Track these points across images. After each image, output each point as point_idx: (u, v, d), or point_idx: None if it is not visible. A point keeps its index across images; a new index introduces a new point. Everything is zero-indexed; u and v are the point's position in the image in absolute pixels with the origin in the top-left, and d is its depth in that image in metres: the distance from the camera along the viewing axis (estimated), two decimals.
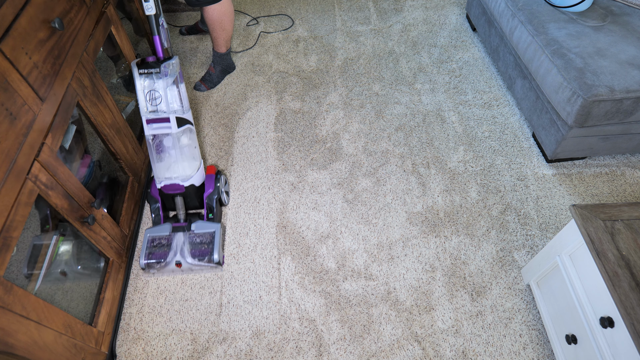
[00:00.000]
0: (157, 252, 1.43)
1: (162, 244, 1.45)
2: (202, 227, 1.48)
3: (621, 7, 1.74)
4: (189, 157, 1.45)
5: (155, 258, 1.42)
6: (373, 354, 1.30)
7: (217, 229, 1.48)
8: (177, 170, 1.44)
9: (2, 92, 0.85)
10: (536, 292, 1.33)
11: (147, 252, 1.43)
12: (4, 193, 0.84)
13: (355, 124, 1.95)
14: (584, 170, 1.73)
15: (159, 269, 1.43)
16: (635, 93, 1.41)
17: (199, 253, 1.43)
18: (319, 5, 2.64)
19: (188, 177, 1.46)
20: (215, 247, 1.44)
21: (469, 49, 2.29)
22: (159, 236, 1.47)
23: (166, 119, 1.34)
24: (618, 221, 1.01)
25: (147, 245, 1.45)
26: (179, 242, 1.45)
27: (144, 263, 1.41)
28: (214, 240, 1.46)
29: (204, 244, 1.45)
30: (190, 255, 1.43)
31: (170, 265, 1.42)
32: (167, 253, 1.43)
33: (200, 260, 1.42)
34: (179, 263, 1.42)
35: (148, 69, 1.30)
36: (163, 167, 1.43)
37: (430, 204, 1.65)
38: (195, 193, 1.52)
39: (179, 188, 1.46)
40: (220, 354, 1.31)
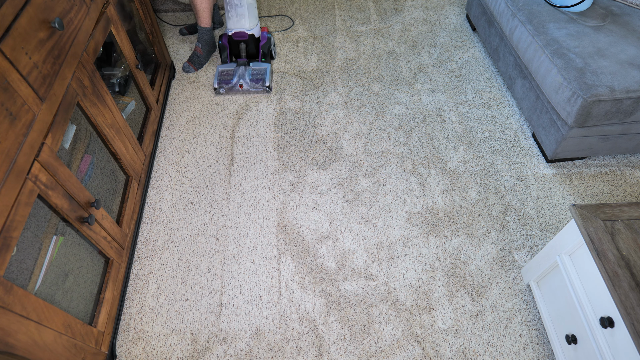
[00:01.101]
0: (226, 79, 2.04)
1: (229, 74, 2.05)
2: (258, 65, 2.09)
3: (621, 7, 1.74)
4: (252, 14, 1.98)
5: (225, 82, 2.03)
6: (373, 354, 1.30)
7: (268, 66, 2.08)
8: (245, 21, 1.98)
9: (2, 92, 0.85)
10: (536, 292, 1.33)
11: (219, 79, 2.03)
12: (4, 193, 0.84)
13: (355, 124, 1.95)
14: (584, 170, 1.73)
15: (227, 89, 2.04)
16: (635, 93, 1.41)
17: (255, 79, 2.02)
18: (319, 5, 2.64)
19: (251, 28, 2.01)
20: (267, 76, 2.04)
21: (469, 49, 2.29)
22: (227, 70, 2.07)
23: None
24: (618, 221, 1.01)
25: (218, 74, 2.05)
26: (241, 72, 2.04)
27: (216, 84, 2.02)
28: (266, 73, 2.05)
29: (259, 74, 2.04)
30: (249, 80, 2.02)
31: (235, 86, 2.02)
32: (233, 78, 2.03)
33: (256, 83, 2.01)
34: (241, 84, 2.01)
35: None
36: (234, 20, 1.97)
37: (430, 204, 1.65)
38: (254, 43, 2.07)
39: (244, 36, 2.01)
40: (220, 354, 1.31)
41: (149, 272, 1.50)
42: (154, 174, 1.79)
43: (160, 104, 1.93)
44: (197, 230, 1.60)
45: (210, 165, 1.81)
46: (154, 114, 1.84)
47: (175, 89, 2.14)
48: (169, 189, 1.73)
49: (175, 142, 1.90)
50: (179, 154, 1.85)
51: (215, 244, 1.56)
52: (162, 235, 1.59)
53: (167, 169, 1.80)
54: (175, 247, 1.55)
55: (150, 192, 1.73)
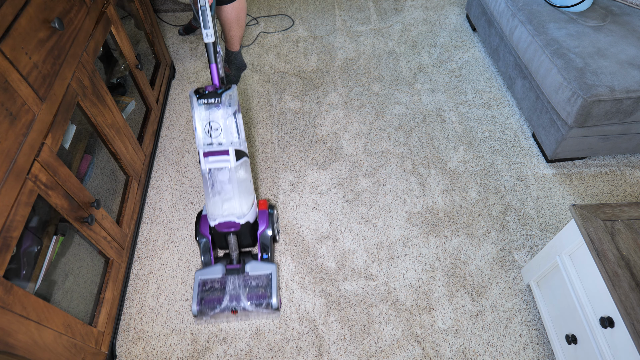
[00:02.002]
0: (210, 297, 1.33)
1: (215, 288, 1.35)
2: (258, 269, 1.37)
3: (621, 7, 1.74)
4: (245, 192, 1.32)
5: (209, 304, 1.32)
6: (373, 354, 1.30)
7: (274, 270, 1.37)
8: (234, 206, 1.31)
9: (2, 92, 0.85)
10: (536, 292, 1.33)
11: (200, 297, 1.33)
12: (4, 193, 0.84)
13: (355, 124, 1.95)
14: (584, 170, 1.73)
15: (212, 316, 1.34)
16: (635, 93, 1.41)
17: (256, 298, 1.33)
18: (319, 5, 2.64)
19: (244, 214, 1.34)
20: (273, 291, 1.34)
21: (469, 49, 2.29)
22: (211, 279, 1.36)
23: (225, 152, 1.24)
24: (618, 221, 1.01)
25: (198, 289, 1.35)
26: (233, 286, 1.35)
27: (196, 309, 1.31)
28: (271, 284, 1.35)
29: (261, 287, 1.35)
30: (246, 300, 1.33)
31: (225, 312, 1.33)
32: (222, 298, 1.33)
33: (258, 307, 1.32)
34: (234, 310, 1.32)
35: (208, 99, 1.19)
36: (218, 204, 1.30)
37: (430, 204, 1.65)
38: (249, 231, 1.39)
39: (234, 226, 1.35)
40: (220, 354, 1.31)
41: (149, 272, 1.50)
42: (154, 174, 1.79)
43: (160, 104, 1.93)
44: None
45: None
46: (154, 114, 1.84)
47: (175, 89, 2.14)
48: (169, 189, 1.73)
49: (175, 142, 1.90)
50: (179, 154, 1.85)
51: None
52: (162, 235, 1.59)
53: (167, 169, 1.80)
54: (175, 247, 1.55)
55: (150, 192, 1.73)
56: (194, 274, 1.43)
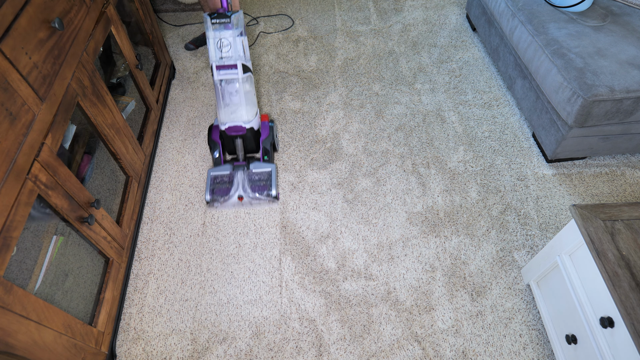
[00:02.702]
0: (220, 188, 1.63)
1: (224, 181, 1.65)
2: (260, 167, 1.67)
3: (621, 7, 1.74)
4: (250, 103, 1.61)
5: (219, 193, 1.62)
6: (373, 354, 1.30)
7: (273, 168, 1.68)
8: (241, 113, 1.60)
9: (2, 92, 0.85)
10: (536, 292, 1.33)
11: (211, 188, 1.63)
12: (4, 193, 0.84)
13: (355, 124, 1.95)
14: (584, 170, 1.73)
15: (222, 202, 1.62)
16: (635, 93, 1.41)
17: (259, 188, 1.63)
18: (319, 5, 2.64)
19: (249, 121, 1.63)
20: (272, 183, 1.64)
21: (469, 49, 2.29)
22: (221, 175, 1.66)
23: (234, 66, 1.50)
24: (618, 221, 1.01)
25: (210, 182, 1.64)
26: (240, 179, 1.64)
27: (209, 197, 1.61)
28: (271, 178, 1.65)
29: (262, 180, 1.65)
30: (250, 190, 1.62)
31: (233, 199, 1.62)
32: (230, 189, 1.63)
33: (260, 194, 1.62)
34: (241, 197, 1.62)
35: (220, 20, 1.45)
36: (228, 111, 1.60)
37: (430, 204, 1.65)
38: (253, 136, 1.68)
39: (240, 130, 1.63)
40: (220, 354, 1.31)
41: (149, 272, 1.50)
42: (154, 174, 1.79)
43: (160, 104, 1.93)
44: (197, 230, 1.60)
45: (210, 165, 1.81)
46: (154, 114, 1.84)
47: (175, 89, 2.14)
48: (169, 189, 1.73)
49: (175, 142, 1.90)
50: (179, 154, 1.85)
51: (215, 244, 1.56)
52: (162, 235, 1.59)
53: (167, 169, 1.80)
54: (175, 247, 1.55)
55: (150, 192, 1.73)
56: (207, 171, 1.71)
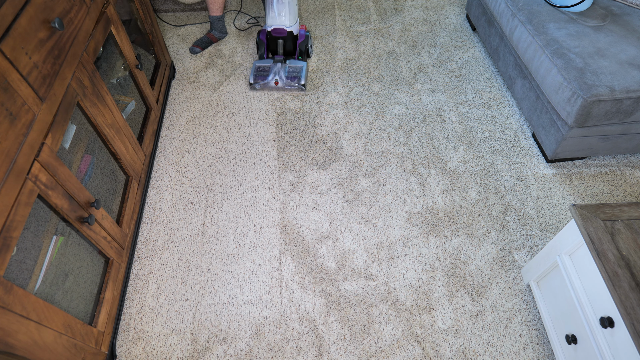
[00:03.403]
0: (262, 75, 2.06)
1: (265, 70, 2.07)
2: (294, 62, 2.09)
3: (621, 7, 1.74)
4: (293, 11, 2.01)
5: (260, 77, 2.05)
6: (373, 354, 1.30)
7: (305, 64, 2.09)
8: (285, 18, 2.01)
9: (2, 92, 0.85)
10: (536, 292, 1.33)
11: (255, 74, 2.06)
12: (4, 193, 0.84)
13: (355, 124, 1.95)
14: (584, 170, 1.73)
15: (262, 85, 2.05)
16: (635, 93, 1.41)
17: (291, 77, 2.04)
18: (319, 5, 2.64)
19: (290, 25, 2.04)
20: (302, 75, 2.04)
21: (469, 49, 2.29)
22: (263, 65, 2.08)
23: None
24: (618, 221, 1.01)
25: (254, 70, 2.07)
26: (277, 69, 2.05)
27: (252, 80, 2.04)
28: (302, 71, 2.06)
29: (295, 72, 2.06)
30: (285, 77, 2.03)
31: (270, 83, 2.04)
32: (269, 75, 2.05)
33: (292, 81, 2.03)
34: (276, 81, 2.02)
35: None
36: (274, 15, 2.00)
37: (430, 204, 1.65)
38: (292, 40, 2.08)
39: (283, 32, 2.04)
40: (220, 354, 1.31)
41: (149, 272, 1.50)
42: (154, 174, 1.79)
43: (160, 104, 1.93)
44: (197, 230, 1.60)
45: (210, 165, 1.81)
46: (154, 114, 1.84)
47: (175, 89, 2.14)
48: (169, 189, 1.73)
49: (175, 142, 1.90)
50: (179, 154, 1.85)
51: (215, 244, 1.56)
52: (162, 235, 1.59)
53: (167, 169, 1.80)
54: (175, 247, 1.56)
55: (150, 192, 1.73)
56: (252, 62, 2.21)
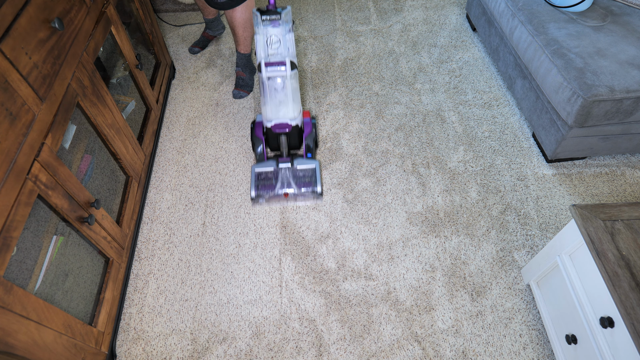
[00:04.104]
0: (265, 184, 1.63)
1: (268, 178, 1.65)
2: (304, 163, 1.67)
3: (621, 7, 1.74)
4: (296, 100, 1.59)
5: (264, 189, 1.62)
6: (373, 354, 1.30)
7: (317, 165, 1.67)
8: (287, 111, 1.58)
9: (2, 92, 0.85)
10: (536, 292, 1.33)
11: (256, 184, 1.64)
12: (4, 193, 0.84)
13: (355, 124, 1.95)
14: (584, 170, 1.73)
15: (267, 199, 1.64)
16: (635, 93, 1.41)
17: (304, 185, 1.63)
18: (319, 5, 2.64)
19: (295, 118, 1.62)
20: (317, 180, 1.64)
21: (469, 49, 2.29)
22: (266, 171, 1.66)
23: (282, 62, 1.47)
24: (618, 221, 1.01)
25: (255, 178, 1.65)
26: (284, 176, 1.64)
27: (254, 194, 1.61)
28: (315, 175, 1.65)
29: (307, 177, 1.65)
30: (296, 187, 1.63)
31: (278, 195, 1.62)
32: (275, 185, 1.63)
33: (305, 192, 1.63)
34: (286, 194, 1.62)
35: (270, 16, 1.42)
36: (274, 108, 1.58)
37: (430, 204, 1.65)
38: (297, 133, 1.68)
39: (287, 127, 1.62)
40: (220, 354, 1.31)
41: (149, 272, 1.50)
42: (154, 174, 1.79)
43: (160, 104, 1.93)
44: (197, 230, 1.60)
45: (210, 165, 1.81)
46: (154, 114, 1.84)
47: (175, 89, 2.14)
48: (169, 189, 1.73)
49: (175, 142, 1.90)
50: (179, 154, 1.85)
51: (215, 244, 1.56)
52: (162, 235, 1.59)
53: (167, 169, 1.80)
54: (175, 247, 1.56)
55: (150, 192, 1.73)
56: (251, 167, 1.72)
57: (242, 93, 2.07)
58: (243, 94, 2.08)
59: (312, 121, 1.74)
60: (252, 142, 1.70)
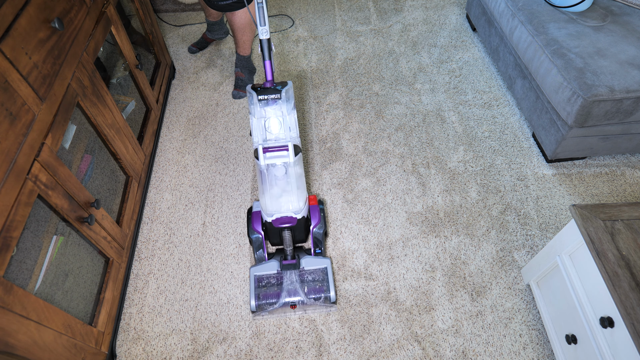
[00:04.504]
0: (267, 293, 1.32)
1: (271, 283, 1.34)
2: (313, 264, 1.37)
3: (621, 7, 1.74)
4: (301, 188, 1.30)
5: (267, 299, 1.31)
6: (373, 354, 1.30)
7: (328, 264, 1.37)
8: (291, 202, 1.30)
9: (2, 92, 0.85)
10: (536, 292, 1.33)
11: (257, 293, 1.32)
12: (4, 193, 0.84)
13: (355, 124, 1.95)
14: (584, 170, 1.73)
15: (271, 311, 1.34)
16: (635, 93, 1.41)
17: (314, 292, 1.32)
18: (319, 5, 2.64)
19: (301, 209, 1.32)
20: (330, 284, 1.33)
21: (469, 49, 2.29)
22: (267, 275, 1.36)
23: (284, 147, 1.21)
24: (618, 221, 1.01)
25: (255, 285, 1.34)
26: (290, 281, 1.34)
27: (255, 305, 1.30)
28: (327, 277, 1.35)
29: (317, 281, 1.34)
30: (304, 294, 1.32)
31: (285, 307, 1.33)
32: (280, 293, 1.32)
33: (317, 300, 1.32)
34: (293, 305, 1.32)
35: (269, 95, 1.19)
36: (274, 200, 1.29)
37: (430, 204, 1.65)
38: (303, 226, 1.37)
39: (291, 221, 1.32)
40: (220, 354, 1.31)
41: (149, 272, 1.50)
42: (154, 174, 1.79)
43: (160, 104, 1.93)
44: (197, 230, 1.60)
45: (210, 165, 1.81)
46: (154, 114, 1.84)
47: (175, 89, 2.14)
48: (169, 189, 1.73)
49: (175, 142, 1.90)
50: (179, 154, 1.85)
51: (215, 244, 1.56)
52: (162, 235, 1.59)
53: (167, 169, 1.80)
54: (175, 247, 1.56)
55: (150, 192, 1.73)
56: (249, 270, 1.40)
57: (242, 94, 2.07)
58: (242, 95, 2.08)
59: (320, 207, 1.45)
60: (249, 239, 1.40)
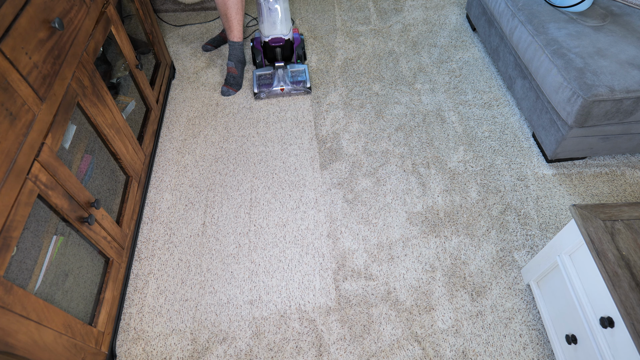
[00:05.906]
0: (264, 83, 2.02)
1: (267, 77, 2.04)
2: (295, 66, 2.09)
3: (621, 7, 1.74)
4: (287, 19, 1.94)
5: (265, 86, 2.01)
6: (373, 354, 1.30)
7: (306, 67, 2.10)
8: (282, 27, 1.94)
9: (2, 92, 0.85)
10: (536, 292, 1.33)
11: (258, 83, 2.02)
12: (4, 193, 0.84)
13: (355, 124, 1.95)
14: (584, 170, 1.73)
15: (267, 93, 2.00)
16: (635, 93, 1.41)
17: (296, 82, 2.03)
18: (319, 5, 2.64)
19: (287, 33, 1.98)
20: (306, 78, 2.05)
21: (469, 49, 2.29)
22: (264, 73, 2.06)
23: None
24: (618, 221, 1.01)
25: (256, 79, 2.03)
26: (280, 75, 2.02)
27: (256, 89, 2.00)
28: (305, 73, 2.07)
29: (298, 75, 2.06)
30: (290, 83, 2.01)
31: (276, 89, 2.00)
32: (272, 82, 2.01)
33: (297, 85, 2.01)
34: (282, 87, 2.00)
35: None
36: (269, 25, 1.92)
37: (430, 204, 1.65)
38: (289, 46, 2.04)
39: (280, 41, 1.98)
40: (220, 354, 1.31)
41: (149, 272, 1.50)
42: (154, 174, 1.79)
43: (160, 104, 1.93)
44: (197, 230, 1.60)
45: (210, 165, 1.81)
46: (154, 114, 1.84)
47: (175, 89, 2.14)
48: (169, 189, 1.73)
49: (175, 142, 1.90)
50: (179, 154, 1.85)
51: (215, 244, 1.56)
52: (162, 235, 1.59)
53: (167, 169, 1.80)
54: (175, 247, 1.56)
55: (150, 192, 1.73)
56: (252, 72, 2.11)
57: (231, 91, 2.07)
58: (231, 92, 2.07)
59: (301, 36, 2.17)
60: (253, 53, 2.09)
